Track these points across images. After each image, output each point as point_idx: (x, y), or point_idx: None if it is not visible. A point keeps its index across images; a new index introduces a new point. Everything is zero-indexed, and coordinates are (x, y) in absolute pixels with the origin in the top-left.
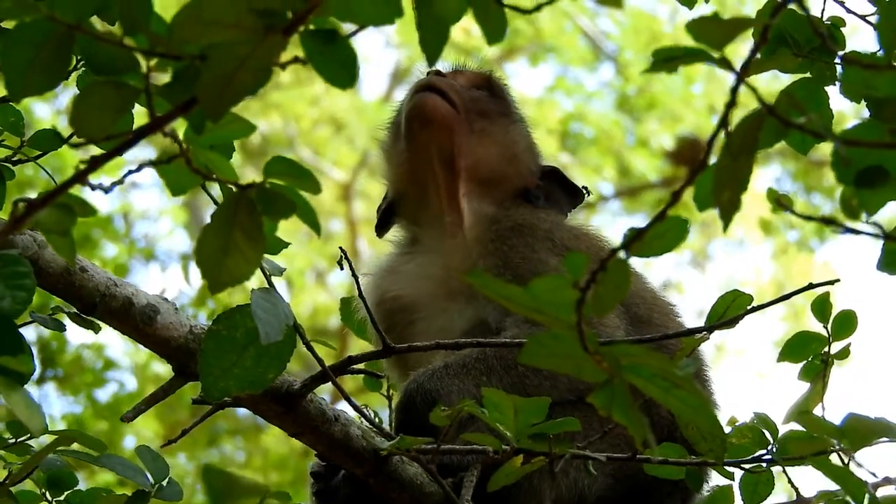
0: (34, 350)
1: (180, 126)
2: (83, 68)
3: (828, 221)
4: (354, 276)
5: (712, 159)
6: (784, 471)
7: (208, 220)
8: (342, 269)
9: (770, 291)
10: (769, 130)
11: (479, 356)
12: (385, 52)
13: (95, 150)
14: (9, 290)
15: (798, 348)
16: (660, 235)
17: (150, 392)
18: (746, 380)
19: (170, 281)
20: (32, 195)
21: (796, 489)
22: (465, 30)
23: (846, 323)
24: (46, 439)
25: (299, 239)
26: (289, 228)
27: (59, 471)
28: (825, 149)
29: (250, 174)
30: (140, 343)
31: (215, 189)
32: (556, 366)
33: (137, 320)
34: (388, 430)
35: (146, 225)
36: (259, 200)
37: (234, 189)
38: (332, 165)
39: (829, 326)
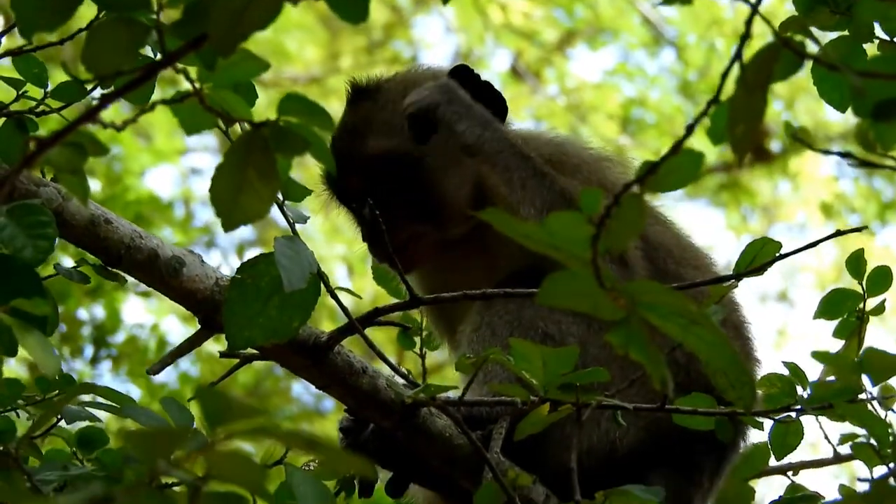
0: (87, 331)
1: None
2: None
3: (844, 155)
4: (382, 230)
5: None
6: (817, 419)
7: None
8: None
9: (831, 275)
10: (784, 63)
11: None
12: (445, 38)
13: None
14: (30, 240)
15: (834, 305)
16: (674, 170)
17: (177, 344)
18: (808, 363)
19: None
20: None
21: (827, 436)
22: (526, 14)
23: (881, 279)
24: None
25: None
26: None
27: (89, 429)
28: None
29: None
30: (166, 295)
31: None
32: (573, 304)
33: (163, 272)
34: (415, 381)
35: (207, 211)
36: (272, 138)
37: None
38: None
39: (864, 283)
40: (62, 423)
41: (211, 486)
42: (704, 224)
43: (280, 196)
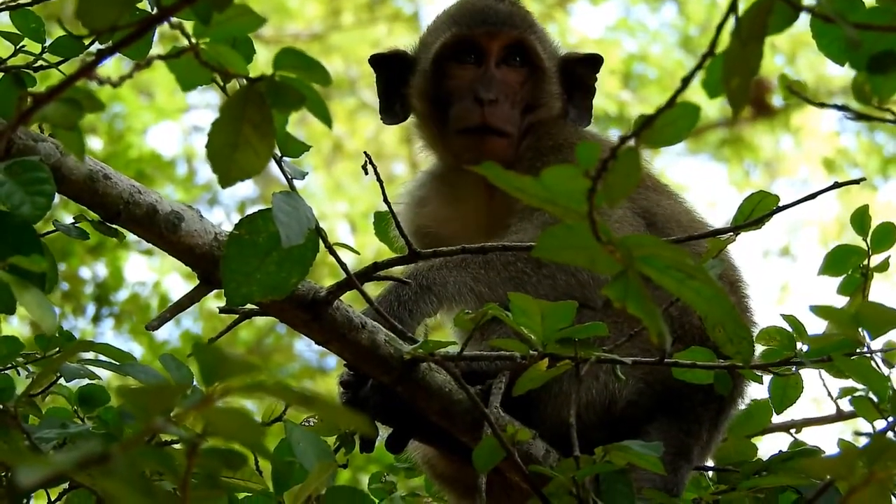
0: (90, 289)
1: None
2: None
3: (841, 108)
4: (380, 180)
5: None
6: (820, 374)
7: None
8: (367, 173)
9: (834, 230)
10: (779, 16)
11: (482, 256)
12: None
13: None
14: (28, 196)
15: (838, 262)
16: (670, 122)
17: (176, 300)
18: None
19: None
20: None
21: (829, 391)
22: None
23: (886, 235)
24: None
25: (362, 182)
26: (351, 170)
27: (89, 387)
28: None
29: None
30: (164, 251)
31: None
32: (570, 258)
33: (161, 228)
34: (414, 336)
35: (209, 170)
36: (268, 93)
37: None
38: None
39: (869, 239)
40: (63, 382)
41: (210, 443)
42: (706, 179)
43: (278, 152)
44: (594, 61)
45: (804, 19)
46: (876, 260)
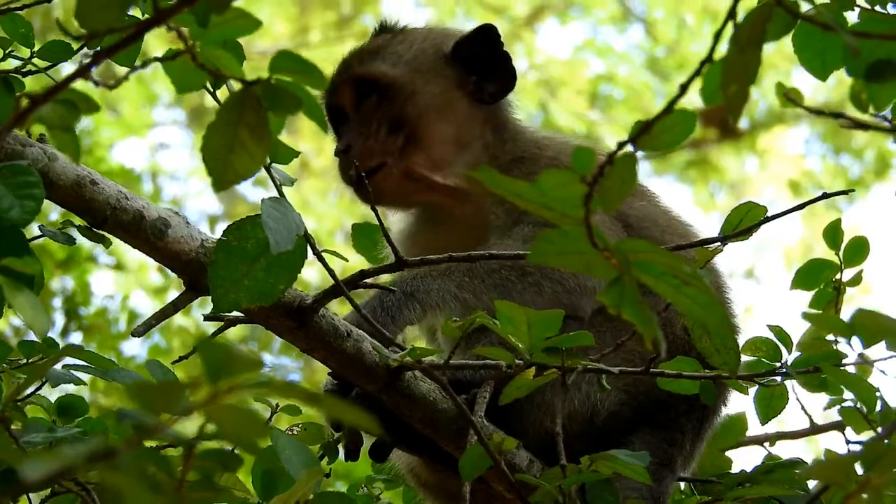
0: (58, 302)
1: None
2: None
3: (837, 115)
4: (363, 178)
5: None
6: (793, 388)
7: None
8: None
9: (799, 252)
10: (777, 23)
11: (466, 265)
12: (415, 13)
13: None
14: (17, 200)
15: (811, 275)
16: (668, 128)
17: (161, 307)
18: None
19: None
20: None
21: (802, 405)
22: None
23: (858, 250)
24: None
25: (329, 200)
26: (318, 188)
27: (68, 397)
28: (854, 114)
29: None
30: (151, 257)
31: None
32: (565, 263)
33: (148, 233)
34: (400, 343)
35: (175, 185)
36: (265, 96)
37: (239, 86)
38: None
39: (841, 253)
40: (43, 392)
41: (205, 446)
42: (672, 200)
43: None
44: (487, 33)
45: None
46: (848, 274)
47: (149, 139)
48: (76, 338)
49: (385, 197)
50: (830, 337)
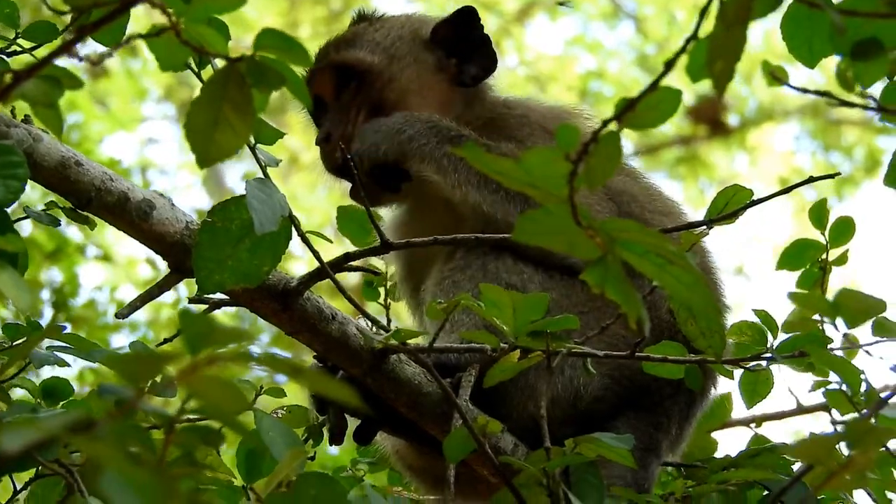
0: (46, 294)
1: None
2: None
3: (823, 94)
4: (351, 163)
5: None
6: (779, 369)
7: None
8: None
9: None
10: (763, 0)
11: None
12: (405, 8)
13: None
14: (1, 180)
15: (796, 255)
16: (652, 106)
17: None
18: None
19: None
20: None
21: (789, 388)
22: None
23: (844, 229)
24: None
25: (317, 194)
26: (307, 182)
27: (53, 380)
28: (843, 111)
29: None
30: (135, 239)
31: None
32: (549, 242)
33: (133, 215)
34: (385, 327)
35: (164, 180)
36: (249, 73)
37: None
38: None
39: (827, 233)
40: (27, 376)
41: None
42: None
43: (252, 139)
44: (466, 15)
45: (763, 36)
46: (834, 254)
47: (138, 134)
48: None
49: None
50: (816, 317)
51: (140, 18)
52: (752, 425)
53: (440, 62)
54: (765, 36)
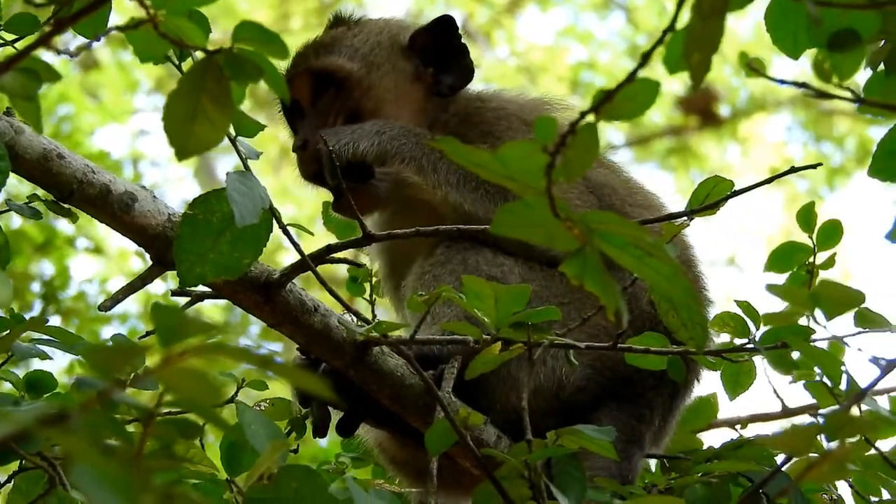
0: (37, 287)
1: None
2: None
3: (801, 86)
4: (334, 165)
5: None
6: (765, 371)
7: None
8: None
9: (780, 240)
10: None
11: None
12: (396, 2)
13: None
14: None
15: (784, 258)
16: (630, 98)
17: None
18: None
19: None
20: None
21: (774, 388)
22: None
23: (832, 233)
24: None
25: (309, 186)
26: (297, 174)
27: (37, 373)
28: (835, 101)
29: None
30: (117, 231)
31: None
32: (527, 235)
33: (115, 208)
34: (367, 319)
35: (156, 171)
36: (227, 65)
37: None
38: None
39: (815, 236)
40: (10, 368)
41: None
42: (653, 188)
43: (233, 132)
44: (445, 24)
45: (754, 28)
46: (822, 257)
47: (130, 125)
48: (54, 321)
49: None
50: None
51: (131, 10)
52: (738, 426)
53: (417, 71)
54: (756, 27)
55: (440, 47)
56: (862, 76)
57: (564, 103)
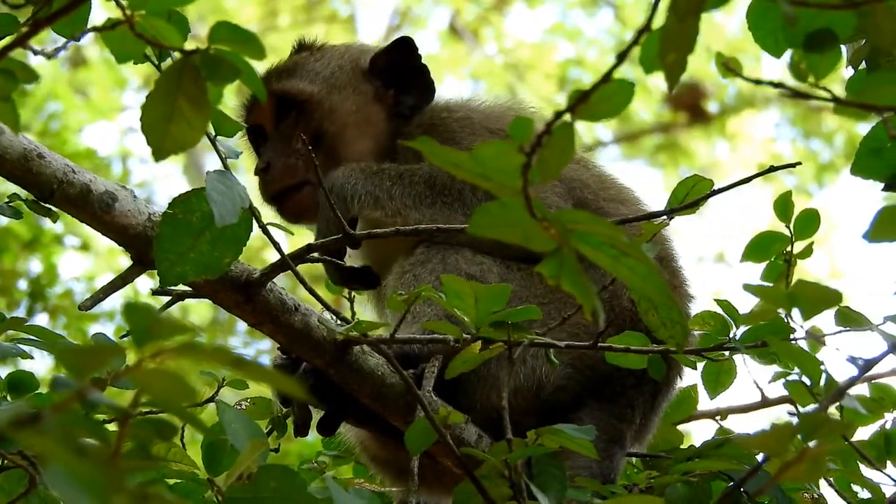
0: (24, 284)
1: None
2: None
3: (777, 85)
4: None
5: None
6: (745, 361)
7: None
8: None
9: None
10: None
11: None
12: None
13: None
14: None
15: (761, 248)
16: (606, 98)
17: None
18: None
19: None
20: None
21: (755, 380)
22: None
23: (809, 222)
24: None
25: None
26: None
27: (19, 373)
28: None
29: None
30: (98, 231)
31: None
32: (504, 235)
33: (95, 207)
34: (346, 317)
35: (144, 169)
36: (203, 66)
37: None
38: None
39: (792, 225)
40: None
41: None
42: (641, 185)
43: (212, 131)
44: (404, 46)
45: (743, 25)
46: (799, 247)
47: (118, 123)
48: (42, 319)
49: (306, 214)
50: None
51: (114, 9)
52: (718, 418)
53: (378, 93)
54: (744, 24)
55: (400, 69)
56: (846, 74)
57: (533, 109)
